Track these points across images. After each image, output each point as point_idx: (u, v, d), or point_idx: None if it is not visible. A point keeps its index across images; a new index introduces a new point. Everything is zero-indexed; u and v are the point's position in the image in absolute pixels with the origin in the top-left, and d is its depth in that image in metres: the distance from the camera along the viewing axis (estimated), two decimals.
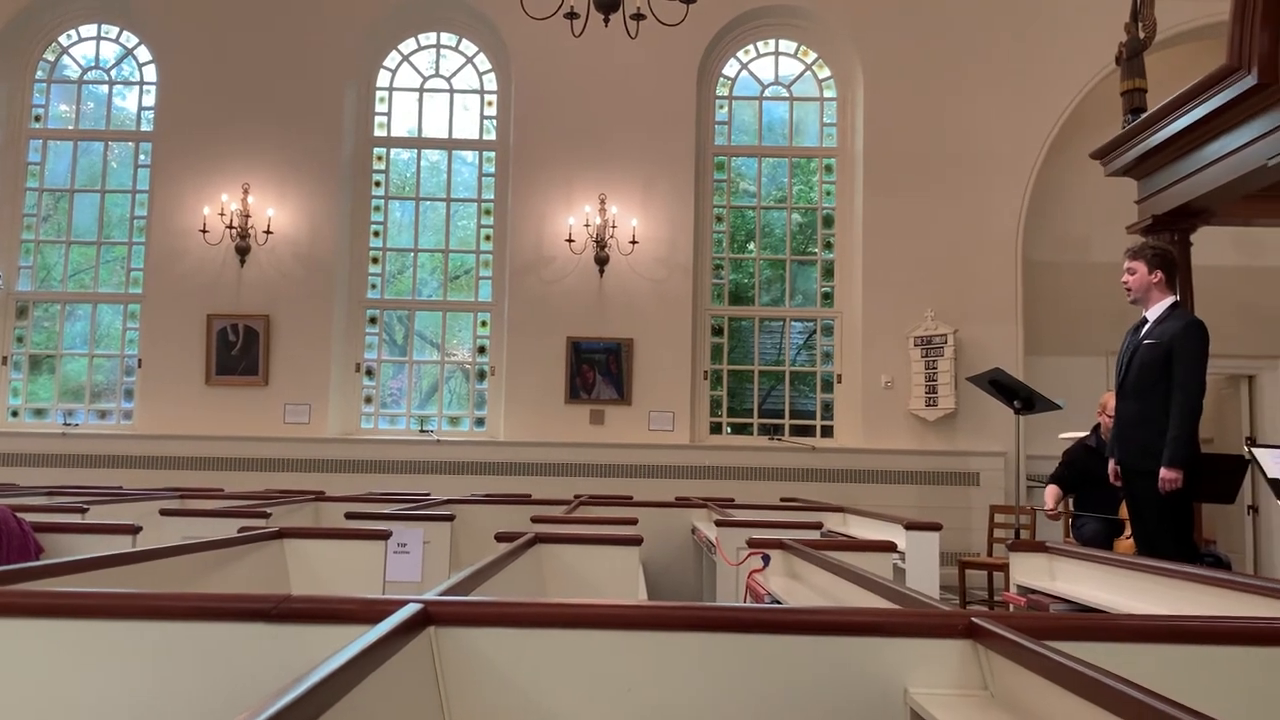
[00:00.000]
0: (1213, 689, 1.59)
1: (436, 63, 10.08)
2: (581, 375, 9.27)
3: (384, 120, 9.99)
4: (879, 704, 1.60)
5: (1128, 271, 4.73)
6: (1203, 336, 4.49)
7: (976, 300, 9.24)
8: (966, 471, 9.07)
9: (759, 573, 3.22)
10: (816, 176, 10.00)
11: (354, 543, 3.51)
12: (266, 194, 9.40)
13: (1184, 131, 6.62)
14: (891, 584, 2.30)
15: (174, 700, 1.61)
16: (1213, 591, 2.51)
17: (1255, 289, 9.16)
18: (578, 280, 9.34)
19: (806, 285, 9.92)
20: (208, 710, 1.59)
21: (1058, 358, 9.36)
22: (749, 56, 10.06)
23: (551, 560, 3.29)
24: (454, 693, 1.57)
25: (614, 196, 9.36)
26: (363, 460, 9.10)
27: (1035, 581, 3.48)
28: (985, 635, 1.57)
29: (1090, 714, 1.23)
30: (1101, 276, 8.72)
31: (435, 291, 9.92)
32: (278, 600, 1.63)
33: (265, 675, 1.57)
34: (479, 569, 2.25)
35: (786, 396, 9.74)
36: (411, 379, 9.78)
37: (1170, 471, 4.36)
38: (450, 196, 9.96)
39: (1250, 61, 5.70)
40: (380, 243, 9.85)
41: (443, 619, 1.58)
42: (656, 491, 8.26)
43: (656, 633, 1.59)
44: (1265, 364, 9.45)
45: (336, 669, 1.13)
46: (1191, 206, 6.96)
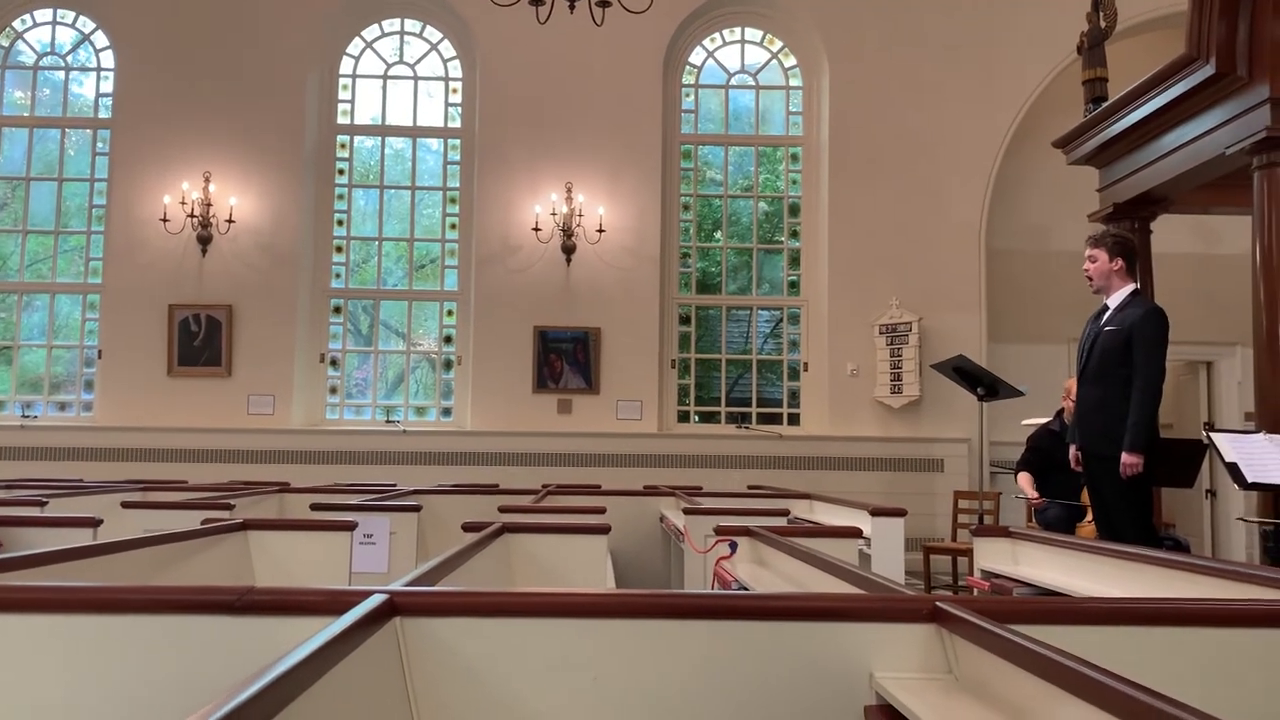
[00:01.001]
0: (1172, 670, 1.62)
1: (400, 49, 9.99)
2: (549, 365, 9.25)
3: (347, 108, 9.89)
4: (844, 688, 1.61)
5: (1089, 260, 4.78)
6: (1163, 324, 4.55)
7: (940, 288, 9.31)
8: (931, 458, 9.15)
9: (726, 560, 3.23)
10: (783, 165, 10.03)
11: (319, 534, 3.49)
12: (228, 182, 9.28)
13: (1144, 120, 6.69)
14: (857, 569, 2.32)
15: (136, 695, 1.60)
16: (1172, 574, 2.55)
17: (1213, 277, 9.30)
18: (544, 269, 9.31)
19: (773, 274, 9.95)
20: (171, 704, 1.58)
21: (1020, 345, 9.47)
22: (715, 45, 10.06)
23: (519, 550, 3.28)
24: (420, 683, 1.56)
25: (580, 185, 9.33)
26: (328, 451, 9.03)
27: (999, 566, 3.52)
28: (949, 619, 1.59)
29: (1052, 695, 1.25)
30: (1063, 264, 8.82)
31: (400, 281, 9.85)
32: (241, 592, 1.62)
33: (229, 668, 1.56)
34: (445, 559, 2.24)
35: (754, 385, 9.77)
36: (377, 369, 9.72)
37: (1131, 456, 4.42)
38: (415, 185, 9.89)
39: (1208, 51, 5.78)
40: (344, 231, 9.76)
41: (409, 609, 1.57)
42: (624, 480, 8.25)
43: (623, 620, 1.59)
44: (1223, 350, 9.60)
45: (300, 661, 1.13)
46: (1151, 195, 7.05)
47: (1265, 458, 4.55)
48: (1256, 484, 4.58)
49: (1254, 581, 2.22)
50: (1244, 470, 4.55)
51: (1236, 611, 1.71)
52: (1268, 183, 5.67)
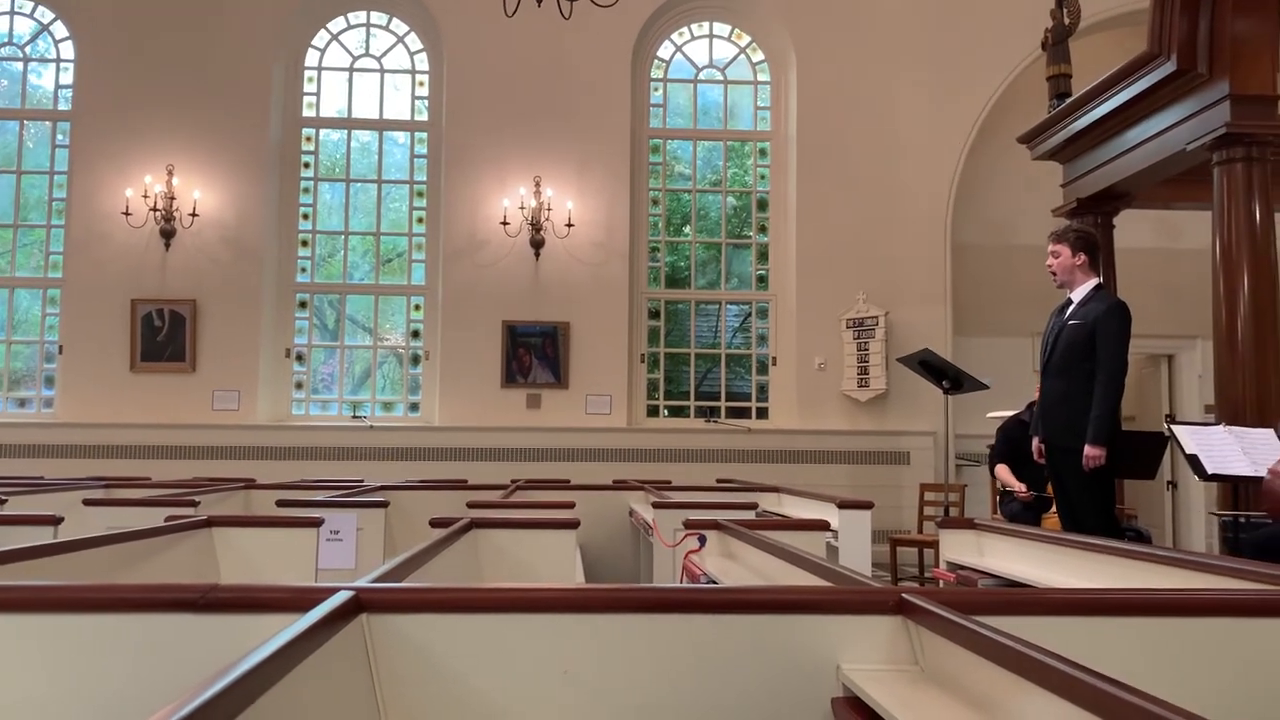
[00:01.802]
0: (1135, 659, 1.64)
1: (366, 42, 9.91)
2: (518, 359, 9.22)
3: (313, 100, 9.80)
4: (812, 680, 1.62)
5: (1052, 255, 4.83)
6: (1125, 318, 4.61)
7: (906, 283, 9.38)
8: (897, 450, 9.22)
9: (695, 553, 3.24)
10: (751, 160, 10.05)
11: (285, 530, 3.45)
12: (192, 176, 9.17)
13: (1107, 116, 6.78)
14: (824, 562, 2.33)
15: (99, 695, 1.58)
16: (1134, 565, 2.58)
17: (1175, 271, 9.43)
18: (513, 263, 9.28)
19: (742, 268, 9.97)
20: (133, 704, 1.56)
21: (985, 338, 9.55)
22: (683, 39, 10.06)
23: (487, 545, 3.27)
24: (387, 680, 1.55)
25: (549, 179, 9.30)
26: (294, 447, 8.95)
27: (964, 558, 3.55)
28: (915, 611, 1.60)
29: (1017, 686, 1.26)
30: (1027, 259, 8.90)
31: (367, 275, 9.78)
32: (205, 590, 1.60)
33: (193, 667, 1.54)
34: (413, 555, 2.23)
35: (722, 379, 9.80)
36: (343, 364, 9.65)
37: (1094, 449, 4.48)
38: (381, 178, 9.81)
39: (1170, 48, 5.85)
40: (310, 225, 9.68)
41: (375, 606, 1.56)
42: (594, 475, 8.25)
43: (591, 615, 1.59)
44: (1184, 344, 9.74)
45: (265, 659, 1.11)
46: (1114, 190, 7.14)
47: (1225, 449, 4.63)
48: (1216, 475, 4.66)
49: (1214, 571, 2.25)
50: (1204, 462, 4.62)
51: (1197, 601, 1.73)
52: (1227, 178, 5.76)
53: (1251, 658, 1.66)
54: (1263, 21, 5.68)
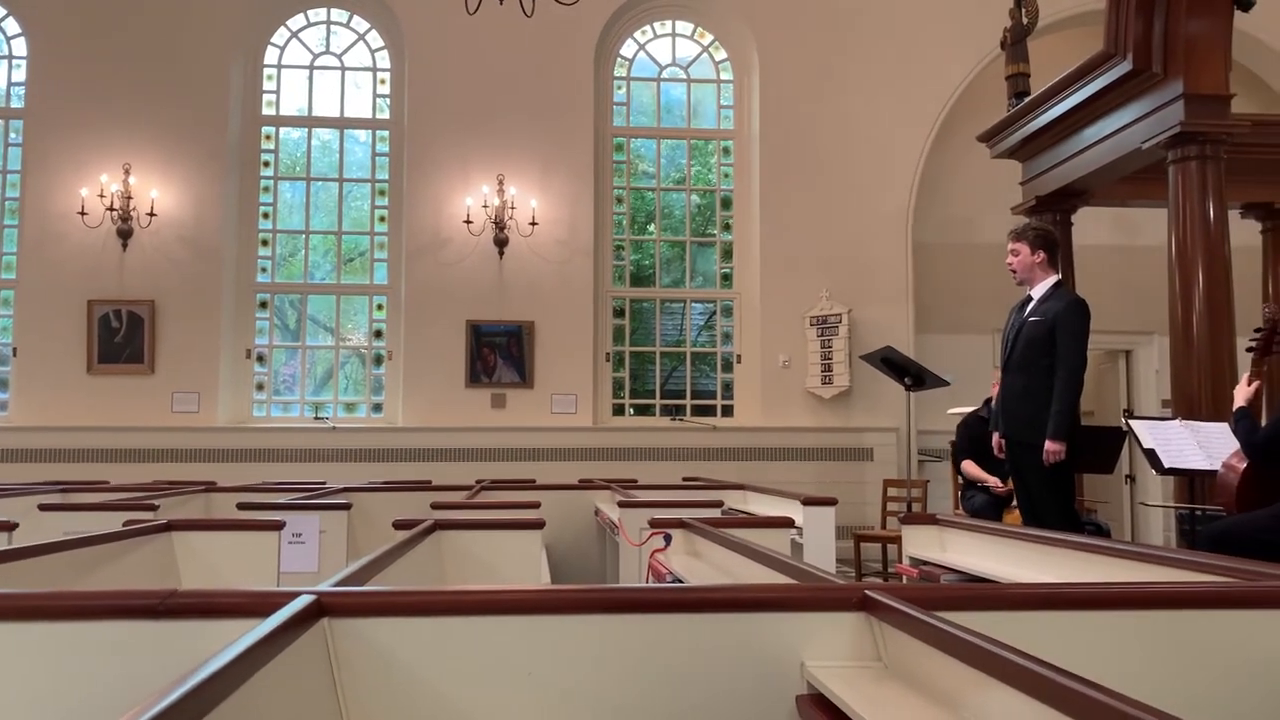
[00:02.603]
0: (1095, 652, 1.66)
1: (327, 39, 9.82)
2: (482, 359, 9.18)
3: (272, 98, 9.70)
4: (777, 678, 1.63)
5: (1011, 253, 4.88)
6: (1084, 314, 4.67)
7: (869, 281, 9.44)
8: (861, 447, 9.28)
9: (661, 552, 3.24)
10: (715, 158, 10.07)
11: (246, 534, 3.42)
12: (149, 174, 9.04)
13: (1065, 115, 6.86)
14: (789, 559, 2.34)
15: (57, 703, 1.55)
16: (1094, 559, 2.61)
17: (1132, 268, 9.56)
18: (477, 262, 9.24)
19: (706, 267, 9.99)
20: (91, 713, 1.53)
21: (946, 335, 9.64)
22: (646, 37, 10.06)
23: (452, 547, 3.25)
24: (350, 685, 1.54)
25: (512, 177, 9.27)
26: (255, 449, 8.86)
27: (927, 553, 3.58)
28: (878, 607, 1.61)
29: (978, 681, 1.27)
30: (988, 257, 8.99)
31: (328, 275, 9.70)
32: (164, 595, 1.58)
33: (152, 674, 1.52)
34: (375, 558, 2.22)
35: (688, 377, 9.82)
36: (305, 365, 9.55)
37: (1054, 444, 4.53)
38: (343, 177, 9.73)
39: (1125, 48, 5.94)
40: (270, 224, 9.58)
41: (337, 610, 1.55)
42: (560, 474, 8.24)
43: (555, 616, 1.59)
44: (1141, 339, 9.88)
45: (225, 665, 1.10)
46: (1072, 188, 7.23)
47: (1181, 443, 4.70)
48: (1173, 469, 4.74)
49: (1171, 564, 2.29)
50: (1161, 456, 4.69)
51: (1155, 594, 1.76)
52: (1181, 176, 5.85)
53: (1209, 649, 1.69)
54: (1215, 22, 5.78)
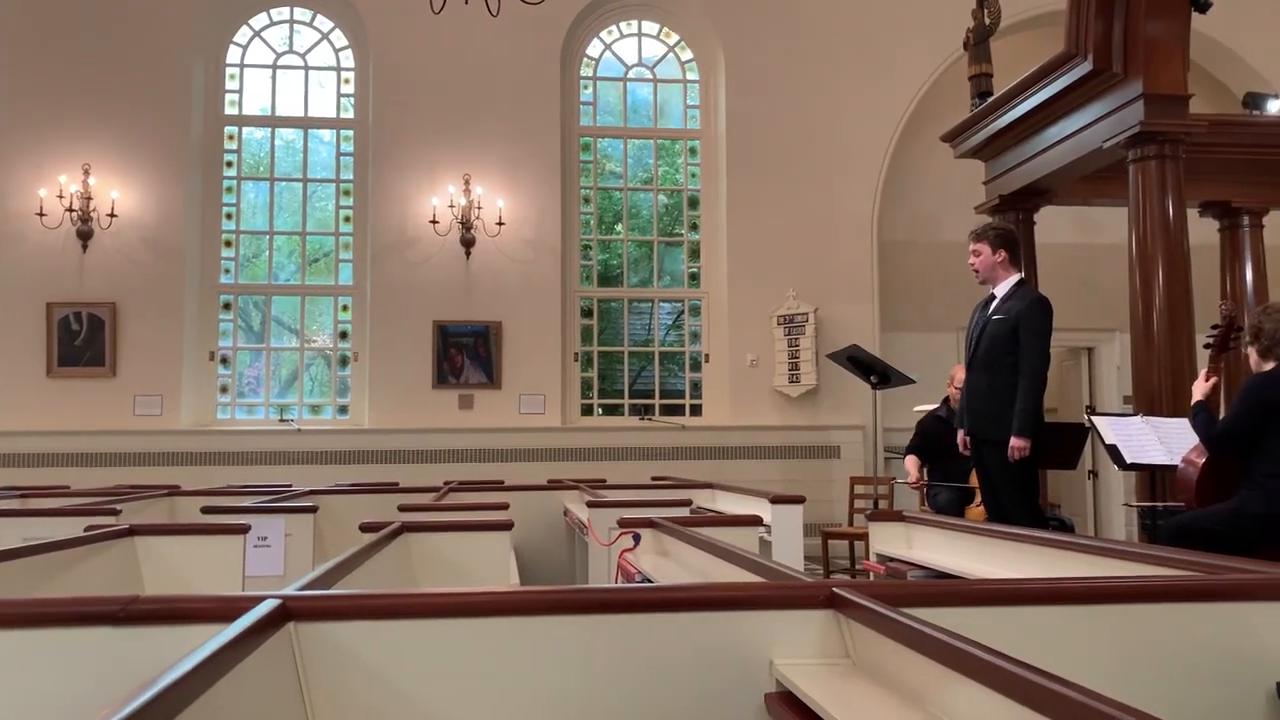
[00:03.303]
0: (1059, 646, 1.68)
1: (290, 39, 9.73)
2: (449, 359, 9.14)
3: (235, 98, 9.59)
4: (746, 676, 1.63)
5: (973, 253, 4.92)
6: (1047, 312, 4.72)
7: (835, 280, 9.49)
8: (828, 445, 9.33)
9: (630, 552, 3.24)
10: (681, 158, 10.09)
11: (211, 538, 3.38)
12: (109, 175, 8.92)
13: (1027, 115, 6.94)
14: (757, 558, 2.35)
15: (15, 713, 1.52)
16: (1058, 554, 2.64)
17: (1094, 266, 9.68)
18: (443, 262, 9.19)
19: (674, 266, 10.01)
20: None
21: (911, 334, 9.71)
22: (612, 37, 10.05)
23: (420, 549, 3.23)
24: (316, 690, 1.52)
25: (479, 177, 9.23)
26: (220, 452, 8.76)
27: (893, 550, 3.61)
28: (845, 605, 1.62)
29: (945, 676, 1.28)
30: (952, 255, 9.05)
31: (293, 275, 9.61)
32: (126, 602, 1.56)
33: (114, 683, 1.50)
34: (342, 561, 2.20)
35: (656, 377, 9.82)
36: (269, 367, 9.46)
37: (1019, 440, 4.57)
38: (307, 177, 9.65)
39: (1086, 49, 6.01)
40: (233, 225, 9.47)
41: (303, 614, 1.54)
42: (528, 475, 8.22)
43: (524, 618, 1.58)
44: (1103, 337, 10.01)
45: (188, 671, 1.09)
46: (1035, 187, 7.31)
47: (1142, 439, 4.77)
48: (1135, 464, 4.80)
49: (1133, 559, 2.32)
50: (1123, 451, 4.76)
51: (1118, 589, 1.78)
52: (1141, 175, 5.93)
53: (1171, 641, 1.71)
54: (1174, 23, 5.86)
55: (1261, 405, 4.00)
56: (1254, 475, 4.03)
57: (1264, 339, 4.14)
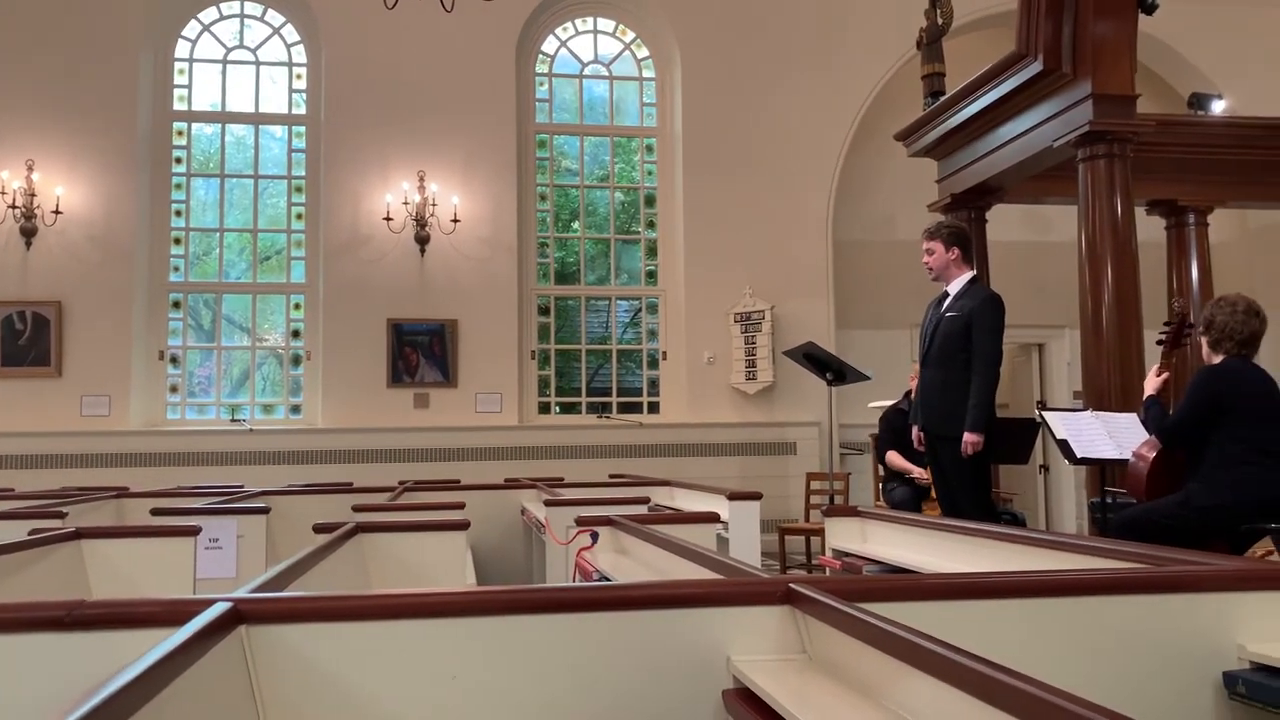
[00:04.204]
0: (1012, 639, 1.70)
1: (240, 33, 9.59)
2: (404, 358, 9.06)
3: (184, 93, 9.44)
4: (703, 674, 1.63)
5: (926, 251, 4.97)
6: (999, 309, 4.78)
7: (791, 277, 9.54)
8: (784, 441, 9.38)
9: (588, 550, 3.23)
10: (638, 156, 10.08)
11: (160, 540, 3.32)
12: (54, 171, 8.73)
13: (979, 114, 7.02)
14: (714, 554, 2.35)
15: None
16: (1010, 548, 2.67)
17: (1044, 263, 9.82)
18: (397, 260, 9.11)
19: (631, 264, 10.00)
20: None
21: (865, 331, 9.80)
22: (568, 34, 10.02)
23: (374, 550, 3.20)
24: (269, 694, 1.50)
25: (433, 174, 9.16)
26: (170, 453, 8.62)
27: (849, 545, 3.63)
28: (801, 600, 1.63)
29: (899, 670, 1.29)
30: (906, 253, 9.14)
31: (244, 273, 9.48)
32: (71, 606, 1.52)
33: (59, 689, 1.46)
34: (295, 563, 2.17)
35: (614, 374, 9.82)
36: (220, 366, 9.32)
37: (973, 435, 4.63)
38: (258, 173, 9.52)
39: (1036, 49, 6.09)
40: (183, 222, 9.32)
41: (255, 617, 1.51)
42: (485, 474, 8.17)
43: (481, 618, 1.57)
44: (1053, 333, 10.17)
45: (135, 677, 1.06)
46: (987, 185, 7.40)
47: (1092, 434, 4.84)
48: (1085, 459, 4.87)
49: (1085, 552, 2.35)
50: (1073, 446, 4.83)
51: (1069, 582, 1.80)
52: (1091, 174, 6.03)
53: (1122, 633, 1.74)
54: (1122, 24, 5.96)
55: (1210, 397, 4.08)
56: (1201, 468, 4.11)
57: (1214, 331, 4.22)
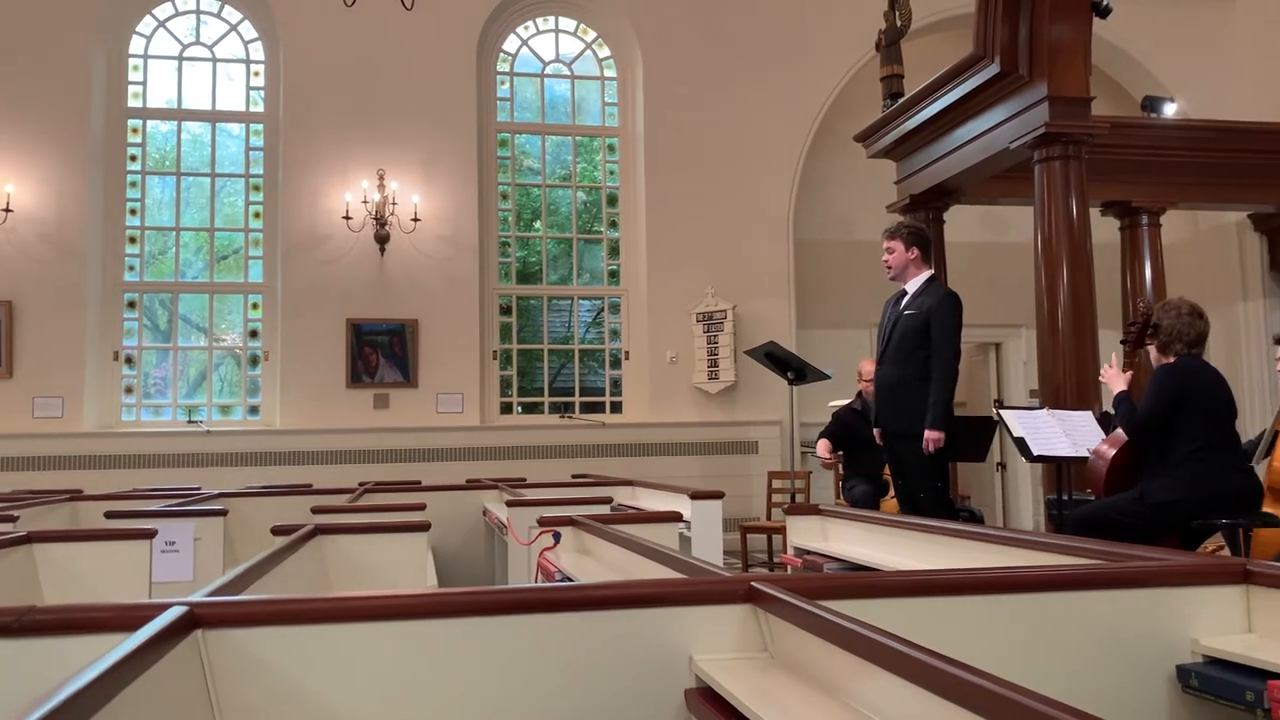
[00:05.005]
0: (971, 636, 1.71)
1: (197, 29, 9.45)
2: (364, 358, 8.98)
3: (139, 90, 9.29)
4: (666, 673, 1.63)
5: (886, 250, 5.00)
6: (957, 308, 4.82)
7: (753, 277, 9.58)
8: (746, 440, 9.42)
9: (550, 551, 3.22)
10: (600, 156, 10.07)
11: (115, 544, 3.26)
12: (4, 168, 8.55)
13: (936, 116, 7.09)
14: (677, 554, 2.35)
15: None
16: (969, 545, 2.70)
17: (1001, 263, 9.94)
18: (357, 259, 9.03)
19: (593, 264, 9.99)
20: None
21: (826, 330, 9.86)
22: (529, 33, 9.99)
23: (334, 552, 3.17)
24: (226, 699, 1.48)
25: (393, 172, 9.09)
26: (125, 455, 8.47)
27: (810, 543, 3.65)
28: (763, 599, 1.63)
29: (860, 668, 1.30)
30: (865, 254, 9.21)
31: (201, 273, 9.35)
32: (20, 612, 1.49)
33: (9, 697, 1.43)
34: (252, 566, 2.14)
35: (576, 374, 9.80)
36: (177, 366, 9.19)
37: (933, 433, 4.66)
38: (215, 172, 9.39)
39: (993, 51, 6.16)
40: (138, 221, 9.17)
41: (211, 621, 1.49)
42: (446, 475, 8.13)
43: (442, 620, 1.56)
44: (1010, 332, 10.29)
45: (86, 684, 1.04)
46: (944, 186, 7.48)
47: (1048, 432, 4.90)
48: (1041, 456, 4.93)
49: (1042, 548, 2.38)
50: (1030, 444, 4.88)
51: (1027, 578, 1.83)
52: (1046, 175, 6.11)
53: (1079, 628, 1.76)
54: (1077, 27, 6.05)
55: (1172, 391, 4.14)
56: (1155, 465, 4.18)
57: (1162, 334, 4.29)
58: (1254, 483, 4.20)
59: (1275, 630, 1.77)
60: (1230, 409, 4.21)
